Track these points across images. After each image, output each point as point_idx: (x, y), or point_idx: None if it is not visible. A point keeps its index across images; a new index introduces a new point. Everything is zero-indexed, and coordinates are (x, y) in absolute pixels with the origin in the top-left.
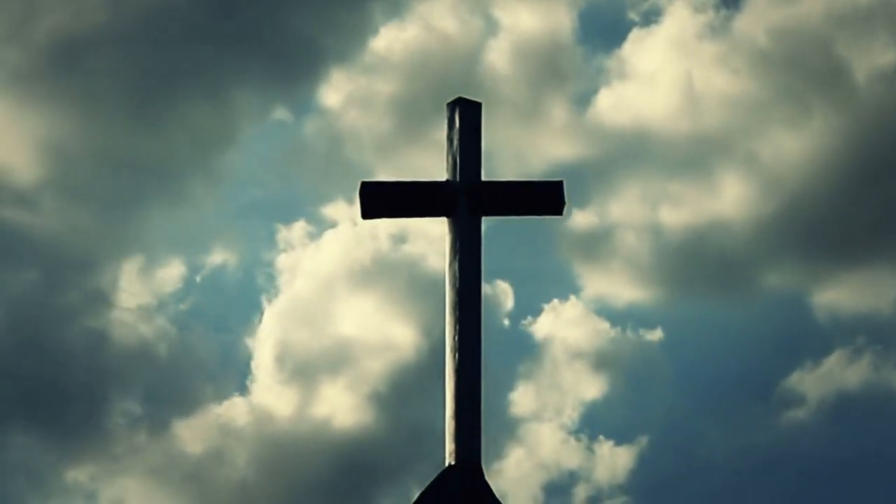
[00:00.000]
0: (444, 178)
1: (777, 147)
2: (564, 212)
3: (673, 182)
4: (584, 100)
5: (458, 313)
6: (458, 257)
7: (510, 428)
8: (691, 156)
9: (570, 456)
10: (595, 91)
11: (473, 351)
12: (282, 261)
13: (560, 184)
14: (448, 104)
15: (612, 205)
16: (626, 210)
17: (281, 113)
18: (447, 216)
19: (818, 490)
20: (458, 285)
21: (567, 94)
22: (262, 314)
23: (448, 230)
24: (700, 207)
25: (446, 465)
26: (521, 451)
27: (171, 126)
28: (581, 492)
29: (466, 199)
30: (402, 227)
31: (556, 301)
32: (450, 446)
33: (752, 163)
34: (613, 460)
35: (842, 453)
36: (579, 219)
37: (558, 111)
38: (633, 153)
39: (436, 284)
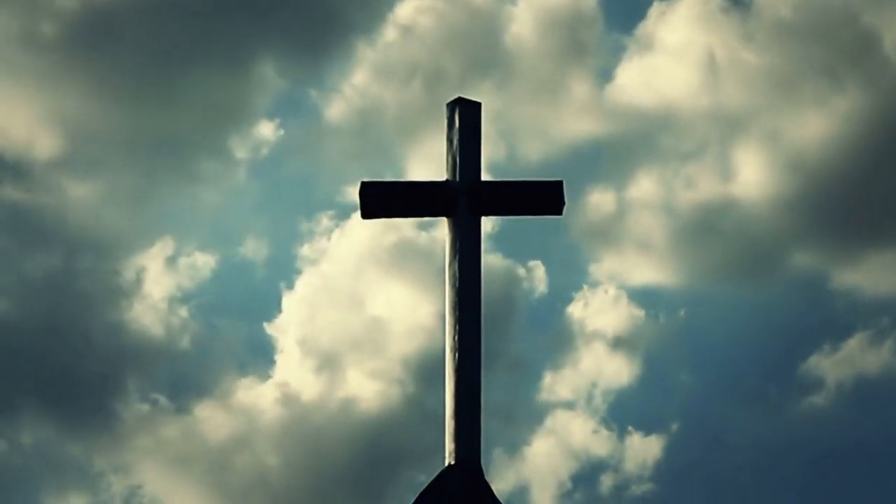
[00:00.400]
0: (444, 178)
1: (801, 124)
2: (564, 211)
3: (694, 161)
4: (605, 74)
5: (457, 313)
6: (457, 257)
7: (539, 411)
8: (713, 133)
9: (598, 443)
10: (616, 66)
11: (473, 351)
12: (306, 245)
13: (560, 183)
14: (448, 104)
15: (631, 184)
16: (647, 189)
17: (302, 89)
18: (447, 216)
19: (837, 475)
20: (457, 285)
21: (589, 69)
22: (281, 300)
23: (448, 230)
24: (721, 187)
25: (446, 464)
26: (551, 438)
27: (190, 104)
28: (608, 479)
29: (466, 199)
30: None
31: (585, 287)
32: (450, 446)
33: (775, 141)
34: (642, 447)
35: (862, 438)
36: (596, 198)
37: (579, 86)
38: (653, 130)
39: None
